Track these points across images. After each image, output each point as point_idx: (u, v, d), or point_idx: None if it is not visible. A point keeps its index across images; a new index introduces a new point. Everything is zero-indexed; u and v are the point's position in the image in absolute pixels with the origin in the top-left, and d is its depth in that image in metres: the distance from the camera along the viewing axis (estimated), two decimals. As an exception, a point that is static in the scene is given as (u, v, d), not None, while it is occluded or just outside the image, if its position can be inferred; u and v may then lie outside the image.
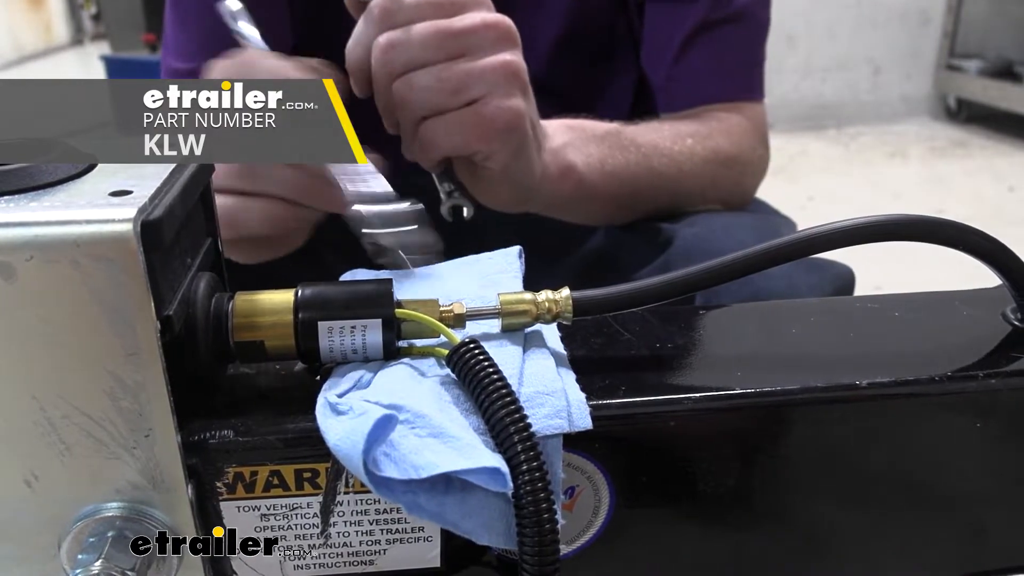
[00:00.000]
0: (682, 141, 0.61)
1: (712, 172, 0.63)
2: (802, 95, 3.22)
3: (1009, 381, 0.34)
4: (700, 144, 0.62)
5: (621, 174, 0.57)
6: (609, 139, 0.57)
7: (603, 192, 0.57)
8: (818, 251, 0.36)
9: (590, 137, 0.56)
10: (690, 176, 0.61)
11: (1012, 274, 0.36)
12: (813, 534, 0.37)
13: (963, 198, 2.38)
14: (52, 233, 0.26)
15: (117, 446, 0.29)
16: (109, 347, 0.27)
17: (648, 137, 0.60)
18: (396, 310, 0.32)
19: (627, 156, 0.58)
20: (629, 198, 0.59)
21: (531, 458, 0.28)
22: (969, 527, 0.38)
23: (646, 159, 0.59)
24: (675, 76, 0.66)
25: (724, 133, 0.64)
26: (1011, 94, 2.93)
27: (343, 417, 0.29)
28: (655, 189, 0.60)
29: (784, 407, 0.33)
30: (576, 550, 0.34)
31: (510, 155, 0.46)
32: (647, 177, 0.59)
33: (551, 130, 0.53)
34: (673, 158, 0.60)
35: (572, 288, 0.34)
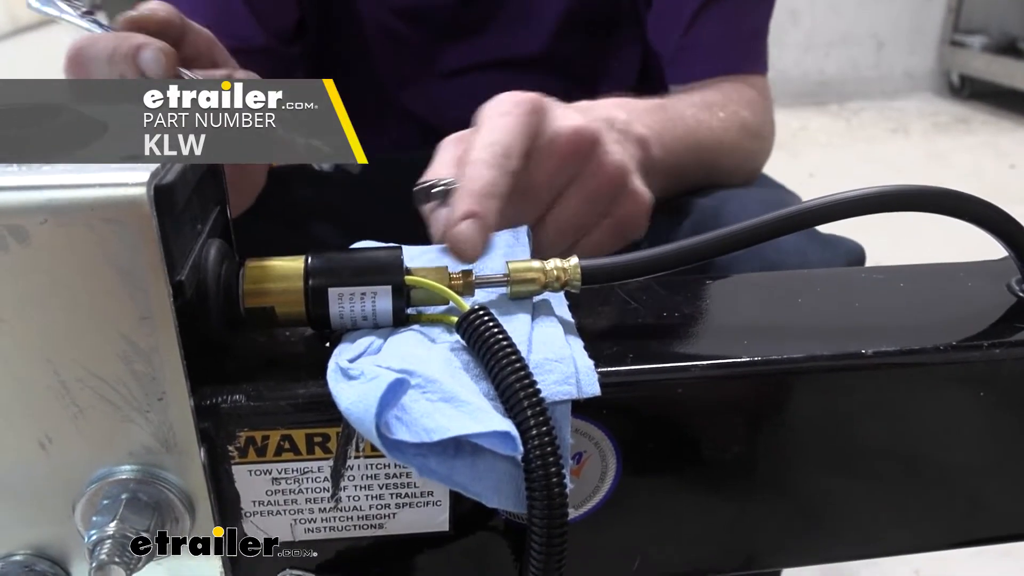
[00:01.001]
0: (716, 115, 0.60)
1: (745, 146, 0.62)
2: (804, 70, 3.20)
3: (1013, 351, 0.34)
4: (731, 117, 0.61)
5: (676, 148, 0.55)
6: (658, 112, 0.56)
7: (662, 166, 0.54)
8: (823, 221, 0.36)
9: (642, 110, 0.54)
10: (728, 150, 0.60)
11: (1017, 245, 0.37)
12: (815, 502, 0.38)
13: (964, 175, 2.38)
14: (66, 197, 0.26)
15: (130, 409, 0.29)
16: (122, 311, 0.27)
17: (690, 111, 0.58)
18: (406, 277, 0.32)
19: (677, 129, 0.56)
20: (680, 174, 0.57)
21: (540, 423, 0.28)
22: (967, 496, 0.38)
23: (692, 133, 0.57)
24: (685, 47, 0.65)
25: (746, 106, 0.63)
26: (1015, 70, 2.91)
27: (355, 381, 0.29)
28: (699, 164, 0.58)
29: (789, 375, 0.34)
30: (583, 515, 0.34)
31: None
32: (695, 152, 0.57)
33: (606, 107, 0.51)
34: (713, 131, 0.59)
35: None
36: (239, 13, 0.64)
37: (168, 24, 0.43)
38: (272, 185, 0.65)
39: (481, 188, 0.36)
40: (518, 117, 0.40)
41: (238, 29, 0.64)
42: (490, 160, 0.37)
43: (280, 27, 0.67)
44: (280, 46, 0.68)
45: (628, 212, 0.46)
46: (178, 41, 0.43)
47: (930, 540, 0.40)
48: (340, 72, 0.73)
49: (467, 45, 0.70)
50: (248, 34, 0.65)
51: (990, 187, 2.29)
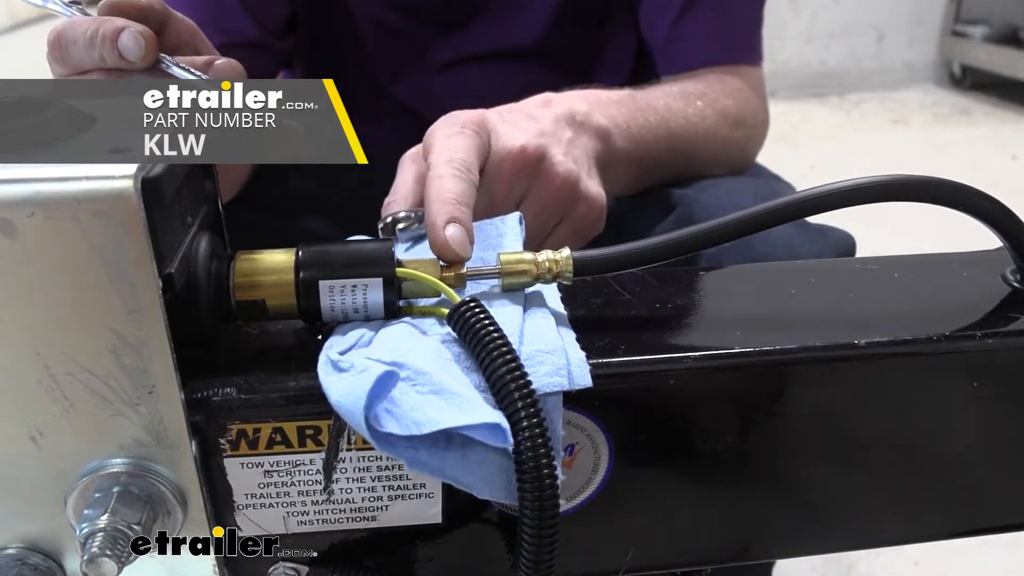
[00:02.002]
0: (693, 103, 0.60)
1: (723, 135, 0.62)
2: (805, 61, 3.19)
3: (1006, 341, 0.34)
4: (710, 106, 0.61)
5: (645, 137, 0.56)
6: (626, 102, 0.56)
7: (626, 157, 0.55)
8: (816, 212, 0.36)
9: (607, 102, 0.55)
10: (704, 139, 0.60)
11: (1012, 235, 0.37)
12: (809, 493, 0.38)
13: (965, 166, 2.37)
14: (53, 190, 0.26)
15: (121, 403, 0.29)
16: (111, 304, 0.27)
17: (662, 100, 0.59)
18: (397, 269, 0.32)
19: (647, 119, 0.56)
20: (652, 163, 0.58)
21: (531, 415, 0.28)
22: (961, 486, 0.38)
23: (664, 122, 0.57)
24: (676, 37, 0.65)
25: (730, 95, 0.63)
26: (1016, 61, 2.90)
27: (344, 374, 0.29)
28: (673, 153, 0.59)
29: (782, 366, 0.34)
30: (576, 507, 0.34)
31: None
32: (667, 141, 0.58)
33: (567, 100, 0.52)
34: (688, 120, 0.59)
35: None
36: (231, 6, 0.64)
37: (149, 10, 0.43)
38: (266, 177, 0.65)
39: (453, 198, 0.37)
40: (468, 136, 0.42)
41: (230, 22, 0.64)
42: (454, 173, 0.39)
43: (272, 20, 0.67)
44: (272, 40, 0.67)
45: (582, 215, 0.48)
46: (160, 28, 0.43)
47: (925, 530, 0.40)
48: (333, 66, 0.73)
49: (460, 37, 0.70)
50: (240, 27, 0.65)
51: (991, 178, 2.28)
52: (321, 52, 0.73)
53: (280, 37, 0.69)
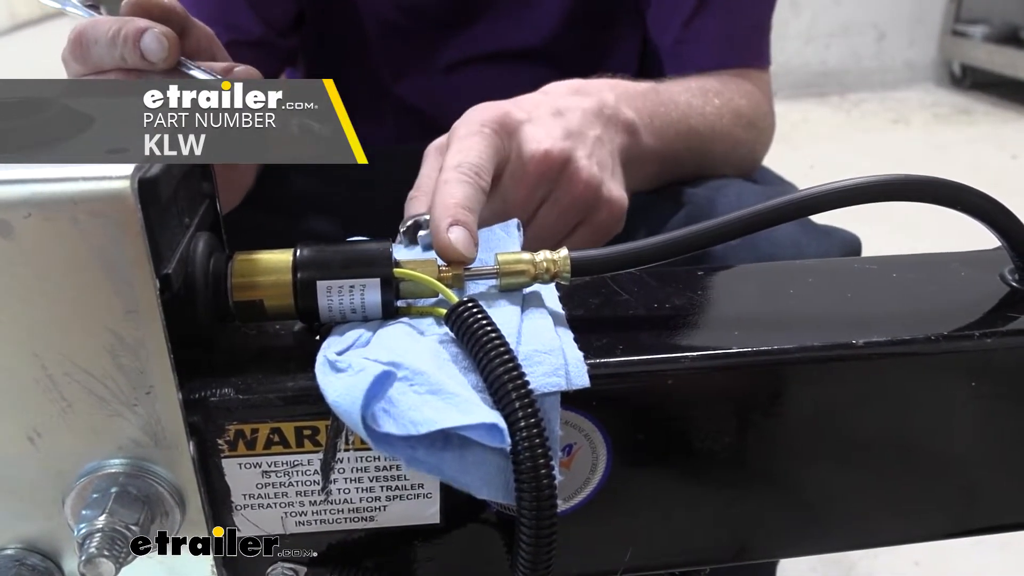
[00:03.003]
0: (711, 101, 0.60)
1: (737, 135, 0.62)
2: (805, 61, 3.19)
3: (1004, 340, 0.34)
4: (726, 105, 0.60)
5: (667, 133, 0.55)
6: (650, 96, 0.55)
7: (650, 152, 0.54)
8: (816, 211, 0.36)
9: (634, 94, 0.54)
10: (720, 138, 0.60)
11: (1010, 235, 0.37)
12: (808, 493, 0.37)
13: (965, 166, 2.37)
14: (50, 190, 0.26)
15: (118, 403, 0.29)
16: (108, 304, 0.27)
17: (683, 96, 0.58)
18: (395, 269, 0.32)
19: (670, 114, 0.56)
20: (672, 160, 0.57)
21: (529, 415, 0.28)
22: (960, 486, 0.38)
23: (685, 118, 0.57)
24: (685, 40, 0.65)
25: (742, 95, 0.63)
26: (1017, 61, 2.90)
27: (342, 374, 0.29)
28: (691, 151, 0.58)
29: (781, 366, 0.34)
30: (574, 507, 0.34)
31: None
32: (686, 138, 0.57)
33: (598, 89, 0.52)
34: (706, 118, 0.59)
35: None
36: (238, 4, 0.64)
37: (172, 11, 0.43)
38: (269, 177, 0.65)
39: (457, 202, 0.37)
40: (486, 137, 0.42)
41: (236, 20, 0.64)
42: (460, 178, 0.39)
43: (278, 19, 0.67)
44: (277, 38, 0.68)
45: (603, 219, 0.48)
46: (181, 32, 0.43)
47: (924, 530, 0.40)
48: (336, 64, 0.73)
49: (466, 37, 0.70)
50: (246, 25, 0.65)
51: (991, 178, 2.28)
52: (325, 50, 0.73)
53: (285, 35, 0.69)
